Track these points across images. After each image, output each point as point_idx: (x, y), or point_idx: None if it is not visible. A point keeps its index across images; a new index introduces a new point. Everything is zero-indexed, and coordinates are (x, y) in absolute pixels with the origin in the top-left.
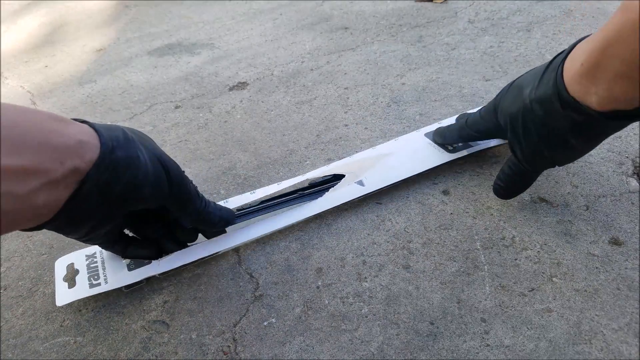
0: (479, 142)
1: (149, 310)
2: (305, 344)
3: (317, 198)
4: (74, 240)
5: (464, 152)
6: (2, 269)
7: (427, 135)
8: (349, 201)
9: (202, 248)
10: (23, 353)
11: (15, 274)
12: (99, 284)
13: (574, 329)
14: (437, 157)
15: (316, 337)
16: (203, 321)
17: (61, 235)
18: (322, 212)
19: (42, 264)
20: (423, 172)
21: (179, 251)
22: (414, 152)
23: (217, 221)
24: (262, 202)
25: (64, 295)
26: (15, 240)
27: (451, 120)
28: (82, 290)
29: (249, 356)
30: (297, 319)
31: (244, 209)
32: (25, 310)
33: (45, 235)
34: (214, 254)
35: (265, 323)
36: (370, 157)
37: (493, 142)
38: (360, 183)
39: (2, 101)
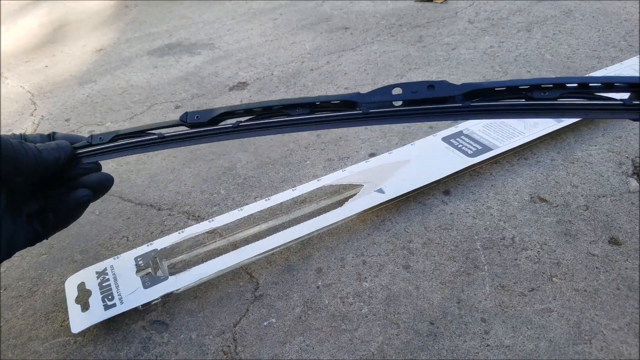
0: (499, 146)
1: (149, 310)
2: (305, 344)
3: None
4: (74, 241)
5: (484, 157)
6: (2, 269)
7: (444, 139)
8: (369, 209)
9: (220, 262)
10: (23, 353)
11: (15, 274)
12: (114, 305)
13: (574, 329)
14: (458, 162)
15: (316, 337)
16: (203, 321)
17: (61, 236)
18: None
19: (42, 264)
20: (444, 177)
21: (195, 267)
22: (432, 157)
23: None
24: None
25: (78, 321)
26: None
27: None
28: (98, 313)
29: (249, 356)
30: (297, 319)
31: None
32: (25, 310)
33: None
34: (230, 267)
35: (265, 323)
36: (388, 163)
37: (508, 147)
38: (381, 191)
39: (2, 101)
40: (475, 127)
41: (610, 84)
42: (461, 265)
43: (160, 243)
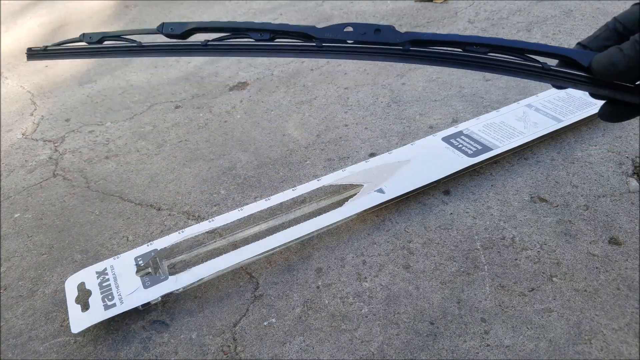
0: (499, 146)
1: (149, 310)
2: (305, 344)
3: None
4: (74, 241)
5: (484, 157)
6: (2, 269)
7: (444, 139)
8: (369, 209)
9: (220, 262)
10: (23, 353)
11: (15, 274)
12: (114, 305)
13: (574, 329)
14: (457, 162)
15: (316, 337)
16: (203, 321)
17: (61, 236)
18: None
19: (42, 264)
20: (444, 177)
21: (195, 267)
22: (432, 158)
23: None
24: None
25: (78, 320)
26: (15, 240)
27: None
28: (98, 313)
29: (249, 356)
30: (297, 319)
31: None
32: (25, 310)
33: (46, 236)
34: (230, 267)
35: (265, 323)
36: (388, 163)
37: (508, 147)
38: (381, 191)
39: (2, 101)
40: (475, 127)
41: (537, 51)
42: (461, 265)
43: (160, 243)
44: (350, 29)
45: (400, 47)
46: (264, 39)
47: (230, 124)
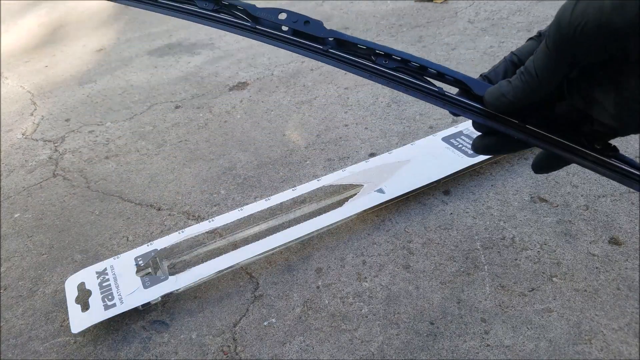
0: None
1: (149, 310)
2: (305, 344)
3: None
4: (74, 241)
5: (484, 157)
6: (2, 269)
7: (444, 139)
8: (369, 209)
9: (220, 262)
10: (23, 353)
11: (15, 274)
12: (114, 305)
13: (574, 329)
14: (457, 162)
15: (316, 337)
16: (203, 321)
17: (61, 236)
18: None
19: (42, 264)
20: (444, 177)
21: (196, 267)
22: (432, 158)
23: None
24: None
25: (78, 320)
26: (15, 240)
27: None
28: (98, 313)
29: (249, 356)
30: (297, 319)
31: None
32: (25, 310)
33: (45, 236)
34: (230, 267)
35: (265, 323)
36: (388, 163)
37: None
38: (381, 191)
39: (2, 101)
40: None
41: (441, 74)
42: (461, 265)
43: (160, 243)
44: (284, 15)
45: (321, 47)
46: (207, 8)
47: (230, 124)
